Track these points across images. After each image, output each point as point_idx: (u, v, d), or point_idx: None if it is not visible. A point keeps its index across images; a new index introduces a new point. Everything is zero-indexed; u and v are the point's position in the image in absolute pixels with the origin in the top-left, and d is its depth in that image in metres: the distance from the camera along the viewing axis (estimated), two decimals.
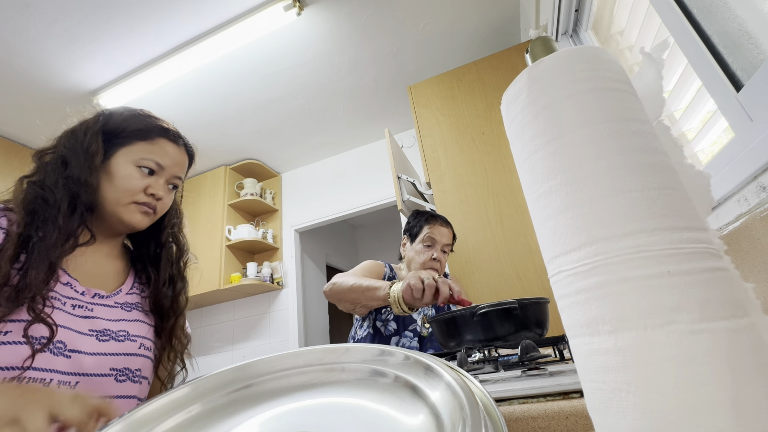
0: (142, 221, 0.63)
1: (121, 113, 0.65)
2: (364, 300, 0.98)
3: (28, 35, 1.77)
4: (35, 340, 0.48)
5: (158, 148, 0.65)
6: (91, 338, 0.56)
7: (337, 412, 0.29)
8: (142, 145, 0.64)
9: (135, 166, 0.62)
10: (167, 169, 0.66)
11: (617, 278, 0.21)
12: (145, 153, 0.63)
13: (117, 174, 0.61)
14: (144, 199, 0.62)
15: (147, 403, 0.31)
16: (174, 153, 0.67)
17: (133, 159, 0.62)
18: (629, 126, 0.24)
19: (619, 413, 0.20)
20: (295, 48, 2.06)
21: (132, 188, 0.61)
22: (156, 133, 0.66)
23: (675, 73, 0.83)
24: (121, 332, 0.60)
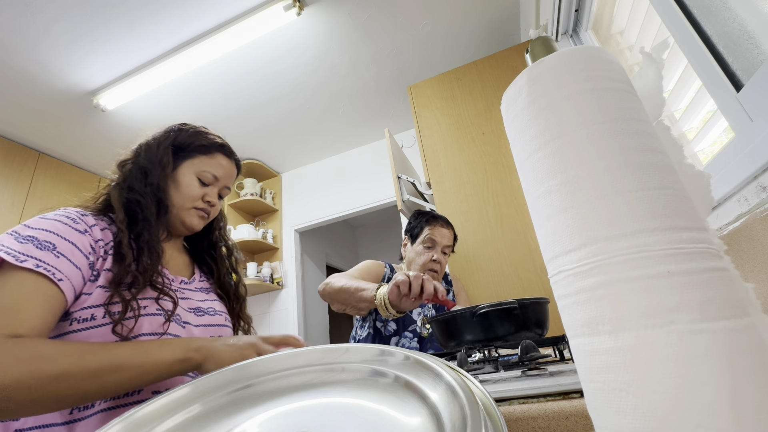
0: (199, 224, 0.75)
1: (186, 130, 0.76)
2: (353, 301, 0.96)
3: (28, 35, 1.77)
4: (166, 311, 0.61)
5: (215, 161, 0.76)
6: (191, 314, 0.68)
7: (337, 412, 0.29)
8: (203, 158, 0.75)
9: (196, 177, 0.73)
10: (221, 180, 0.76)
11: (617, 278, 0.21)
12: (205, 166, 0.74)
13: (182, 182, 0.72)
14: (201, 205, 0.74)
15: (147, 403, 0.31)
16: (227, 166, 0.78)
17: (195, 170, 0.73)
18: (629, 126, 0.24)
19: (619, 413, 0.20)
20: (295, 48, 2.06)
21: (193, 195, 0.72)
22: (215, 148, 0.77)
23: (675, 73, 0.83)
24: (209, 308, 0.73)
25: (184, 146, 0.74)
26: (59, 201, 2.57)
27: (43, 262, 0.51)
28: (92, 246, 0.58)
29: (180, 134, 0.75)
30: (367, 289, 0.91)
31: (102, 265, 0.59)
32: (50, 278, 0.51)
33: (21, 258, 0.50)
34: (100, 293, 0.56)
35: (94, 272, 0.57)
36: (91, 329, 0.55)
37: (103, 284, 0.57)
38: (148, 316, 0.59)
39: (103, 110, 2.25)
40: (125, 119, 2.41)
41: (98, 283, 0.57)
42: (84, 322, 0.55)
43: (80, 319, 0.55)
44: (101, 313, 0.55)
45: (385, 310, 0.83)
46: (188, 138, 0.75)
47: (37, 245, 0.53)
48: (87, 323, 0.55)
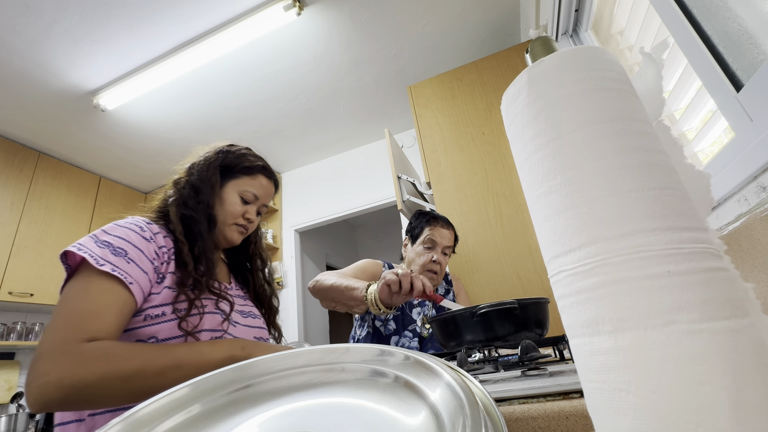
0: (238, 238, 0.81)
1: (233, 152, 0.83)
2: (343, 299, 0.97)
3: (28, 35, 1.77)
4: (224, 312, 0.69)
5: (257, 182, 0.82)
6: (238, 315, 0.76)
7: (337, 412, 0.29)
8: (246, 179, 0.81)
9: (239, 196, 0.80)
10: (260, 199, 0.83)
11: (617, 278, 0.21)
12: (247, 186, 0.81)
13: (227, 200, 0.79)
14: (242, 221, 0.80)
15: (147, 403, 0.31)
16: (267, 186, 0.84)
17: (238, 190, 0.80)
18: (629, 126, 0.24)
19: (619, 413, 0.20)
20: (295, 48, 2.06)
21: (235, 212, 0.79)
22: (257, 170, 0.83)
23: (675, 73, 0.83)
24: (251, 312, 0.80)
25: (230, 167, 0.81)
26: (59, 201, 2.58)
27: (118, 267, 0.58)
28: (156, 252, 0.66)
29: (227, 156, 0.81)
30: (357, 288, 0.92)
31: (166, 268, 0.66)
32: (124, 282, 0.58)
33: (101, 262, 0.57)
34: (168, 293, 0.64)
35: (159, 275, 0.65)
36: (161, 324, 0.62)
37: (170, 285, 0.65)
38: (208, 314, 0.67)
39: (103, 110, 2.25)
40: (125, 119, 2.41)
41: (165, 284, 0.65)
42: (155, 318, 0.62)
43: (152, 315, 0.62)
44: (170, 310, 0.63)
45: (376, 307, 0.85)
46: (234, 160, 0.81)
47: (113, 251, 0.60)
48: (158, 319, 0.62)
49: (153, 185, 3.23)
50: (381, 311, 0.86)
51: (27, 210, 2.41)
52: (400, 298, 0.82)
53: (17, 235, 2.31)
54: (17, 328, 2.31)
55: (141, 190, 3.27)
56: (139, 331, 0.61)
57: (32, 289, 2.30)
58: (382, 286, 0.82)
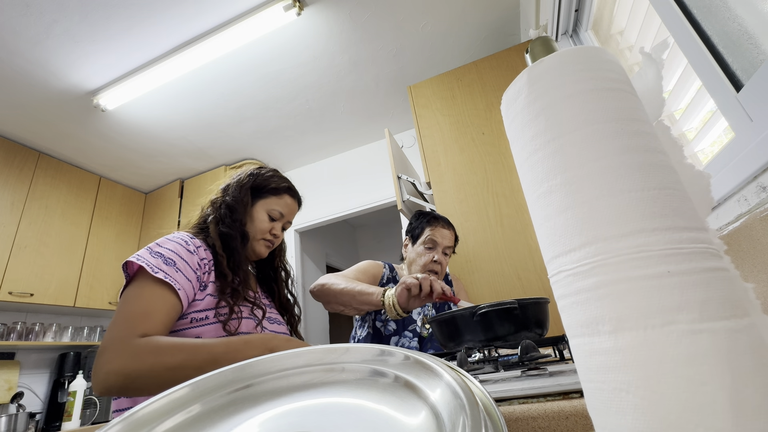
0: (265, 252, 0.90)
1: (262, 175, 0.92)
2: (355, 304, 0.98)
3: (28, 35, 1.77)
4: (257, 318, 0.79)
5: (283, 201, 0.92)
6: (266, 321, 0.83)
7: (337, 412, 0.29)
8: (274, 198, 0.91)
9: (267, 214, 0.89)
10: (285, 216, 0.92)
11: (617, 278, 0.21)
12: (274, 205, 0.90)
13: (256, 218, 0.88)
14: (269, 237, 0.89)
15: (147, 403, 0.31)
16: (292, 205, 0.94)
17: (267, 209, 0.89)
18: (629, 126, 0.24)
19: (619, 413, 0.20)
20: (295, 48, 2.06)
21: (263, 229, 0.88)
22: (283, 191, 0.92)
23: (675, 73, 0.83)
24: (277, 318, 0.89)
25: (259, 188, 0.90)
26: (59, 201, 2.58)
27: (169, 275, 0.68)
28: (198, 263, 0.75)
29: (257, 178, 0.91)
30: (372, 293, 0.94)
31: (207, 278, 0.75)
32: (173, 288, 0.67)
33: (155, 269, 0.67)
34: (210, 300, 0.73)
35: (201, 284, 0.74)
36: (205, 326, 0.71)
37: (211, 293, 0.74)
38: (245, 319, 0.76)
39: (103, 110, 2.25)
40: (125, 119, 2.41)
41: (207, 291, 0.74)
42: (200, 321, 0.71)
43: (197, 318, 0.71)
44: (212, 315, 0.72)
45: (394, 311, 0.88)
46: (263, 181, 0.91)
47: (164, 261, 0.70)
48: (202, 322, 0.71)
49: (153, 185, 3.23)
50: (398, 315, 0.88)
51: (27, 210, 2.41)
52: (418, 302, 0.85)
53: (17, 235, 2.31)
54: (17, 328, 2.31)
55: (141, 190, 3.27)
56: (186, 332, 0.70)
57: (32, 289, 2.30)
58: (402, 290, 0.85)
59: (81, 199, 2.75)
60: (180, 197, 3.04)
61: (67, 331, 2.52)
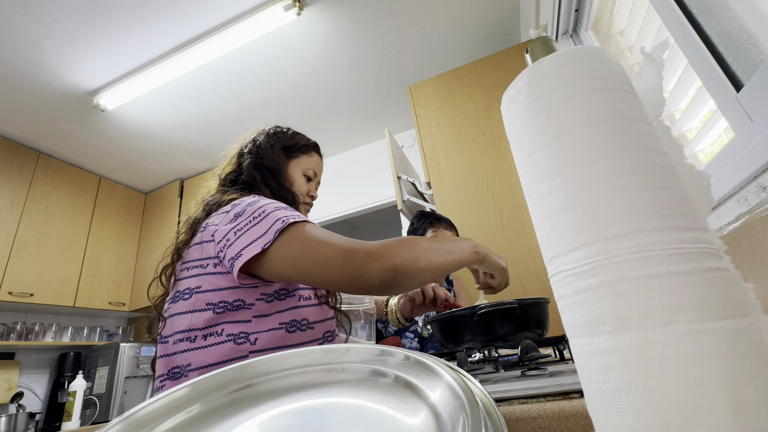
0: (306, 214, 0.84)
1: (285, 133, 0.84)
2: None
3: (28, 35, 1.77)
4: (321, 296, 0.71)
5: (314, 160, 0.85)
6: None
7: (337, 412, 0.29)
8: (304, 157, 0.83)
9: (303, 175, 0.82)
10: (318, 175, 0.86)
11: (617, 278, 0.21)
12: (307, 164, 0.83)
13: (294, 180, 0.80)
14: (308, 200, 0.83)
15: (146, 403, 0.31)
16: (320, 163, 0.87)
17: (302, 168, 0.82)
18: (629, 126, 0.24)
19: (619, 413, 0.20)
20: (294, 48, 2.06)
21: (303, 191, 0.81)
22: (311, 148, 0.85)
23: (675, 73, 0.83)
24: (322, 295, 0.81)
25: (289, 147, 0.82)
26: (59, 201, 2.58)
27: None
28: None
29: (283, 137, 0.83)
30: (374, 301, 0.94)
31: None
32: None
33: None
34: None
35: None
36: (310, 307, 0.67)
37: None
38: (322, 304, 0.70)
39: (103, 110, 2.25)
40: (125, 119, 2.41)
41: None
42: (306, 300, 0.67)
43: (304, 296, 0.67)
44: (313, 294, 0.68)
45: (397, 321, 0.87)
46: (290, 140, 0.83)
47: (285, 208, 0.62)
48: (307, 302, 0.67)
49: (153, 185, 3.23)
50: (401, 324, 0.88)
51: (27, 210, 2.41)
52: (421, 310, 0.85)
53: (17, 235, 2.31)
54: (17, 328, 2.31)
55: (141, 190, 3.27)
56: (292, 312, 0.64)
57: (32, 289, 2.30)
58: (404, 301, 0.85)
59: (81, 199, 2.75)
60: (180, 197, 3.04)
61: (67, 331, 2.52)
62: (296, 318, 0.63)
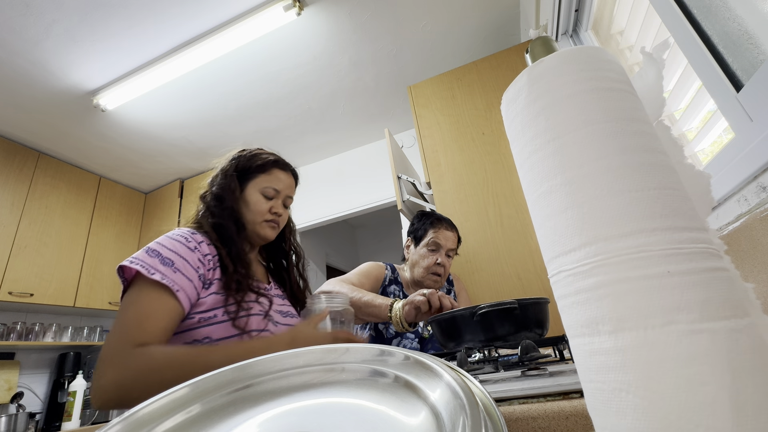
0: (271, 233, 0.85)
1: (245, 156, 0.88)
2: (361, 315, 0.98)
3: (28, 35, 1.77)
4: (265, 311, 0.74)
5: (274, 177, 0.87)
6: (278, 315, 0.80)
7: (337, 412, 0.29)
8: (263, 176, 0.86)
9: (261, 194, 0.84)
10: (282, 191, 0.87)
11: (617, 278, 0.21)
12: (265, 183, 0.85)
13: (251, 201, 0.83)
14: (270, 217, 0.84)
15: (146, 403, 0.31)
16: (285, 178, 0.88)
17: (259, 188, 0.84)
18: (629, 126, 0.24)
19: (619, 413, 0.20)
20: (294, 48, 2.06)
21: (261, 210, 0.83)
22: (270, 166, 0.87)
23: (675, 73, 0.83)
24: (289, 311, 0.85)
25: (245, 170, 0.86)
26: (59, 201, 2.58)
27: (167, 276, 0.64)
28: (201, 260, 0.71)
29: (240, 160, 0.86)
30: (378, 306, 0.94)
31: (213, 274, 0.72)
32: (171, 290, 0.64)
33: (151, 271, 0.64)
34: (215, 297, 0.70)
35: (206, 282, 0.71)
36: (213, 325, 0.68)
37: (216, 290, 0.71)
38: (255, 316, 0.72)
39: (103, 110, 2.25)
40: (125, 119, 2.41)
41: (212, 290, 0.70)
42: (208, 320, 0.68)
43: (205, 318, 0.68)
44: (221, 313, 0.69)
45: (400, 326, 0.88)
46: (247, 162, 0.86)
47: (162, 261, 0.66)
48: (210, 321, 0.68)
49: (153, 185, 3.23)
50: (405, 329, 0.89)
51: (27, 210, 2.41)
52: (426, 316, 0.85)
53: (17, 235, 2.31)
54: (17, 328, 2.31)
55: (141, 190, 3.27)
56: (194, 331, 0.68)
57: (32, 289, 2.30)
58: (410, 309, 0.85)
59: (81, 199, 2.75)
60: (180, 197, 3.04)
61: (66, 331, 2.52)
62: (197, 338, 0.67)
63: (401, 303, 0.88)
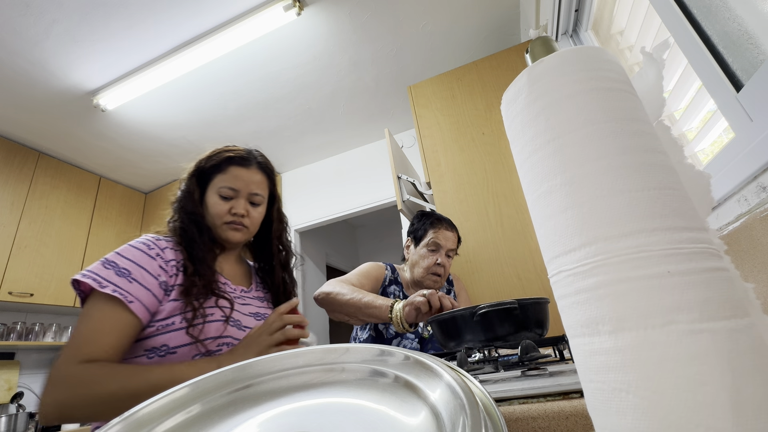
0: (235, 236, 0.81)
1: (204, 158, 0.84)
2: (361, 316, 0.98)
3: (28, 35, 1.77)
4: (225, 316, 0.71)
5: (230, 175, 0.81)
6: (251, 318, 0.77)
7: (337, 412, 0.29)
8: (219, 176, 0.82)
9: (218, 196, 0.80)
10: (241, 189, 0.81)
11: (617, 278, 0.21)
12: (220, 183, 0.81)
13: (209, 204, 0.81)
14: (229, 219, 0.80)
15: (146, 403, 0.31)
16: (245, 175, 0.82)
17: (216, 190, 0.81)
18: (629, 126, 0.24)
19: (619, 413, 0.20)
20: (295, 48, 2.06)
21: (219, 212, 0.80)
22: (225, 163, 0.82)
23: (675, 73, 0.83)
24: (266, 315, 0.82)
25: (203, 172, 0.83)
26: (59, 201, 2.58)
27: (119, 288, 0.63)
28: (162, 267, 0.69)
29: (199, 164, 0.84)
30: (378, 307, 0.93)
31: (175, 280, 0.70)
32: (124, 302, 0.62)
33: (103, 284, 0.62)
34: (175, 304, 0.68)
35: (167, 289, 0.69)
36: (171, 333, 0.66)
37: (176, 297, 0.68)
38: (214, 322, 0.69)
39: (103, 110, 2.25)
40: (125, 119, 2.41)
41: (172, 296, 0.68)
42: (166, 328, 0.67)
43: (162, 325, 0.67)
44: (179, 320, 0.67)
45: (401, 326, 0.88)
46: (204, 163, 0.83)
47: (117, 272, 0.65)
48: (168, 328, 0.67)
49: (153, 185, 3.23)
50: (405, 330, 0.89)
51: (27, 210, 2.41)
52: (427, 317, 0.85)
53: (17, 235, 2.31)
54: (17, 328, 2.31)
55: (141, 190, 3.27)
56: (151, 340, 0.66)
57: (32, 289, 2.30)
58: (410, 310, 0.85)
59: (81, 199, 2.75)
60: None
61: (67, 331, 2.52)
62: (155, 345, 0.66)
63: (401, 304, 0.88)
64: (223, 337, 0.70)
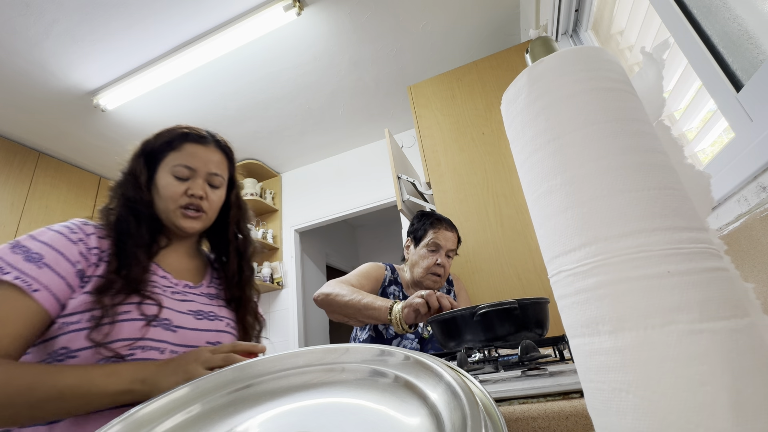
0: (190, 223, 0.71)
1: (155, 135, 0.75)
2: (360, 317, 0.98)
3: (28, 35, 1.77)
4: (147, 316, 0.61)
5: (185, 153, 0.72)
6: (189, 317, 0.68)
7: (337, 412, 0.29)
8: (173, 154, 0.72)
9: (171, 176, 0.71)
10: (199, 169, 0.72)
11: (617, 278, 0.21)
12: (175, 161, 0.71)
13: (160, 185, 0.71)
14: (185, 201, 0.70)
15: (147, 403, 0.31)
16: (202, 152, 0.73)
17: (169, 169, 0.71)
18: (629, 126, 0.24)
19: (619, 413, 0.20)
20: (295, 48, 2.06)
21: (173, 195, 0.70)
22: (179, 140, 0.73)
23: (675, 73, 0.83)
24: (210, 312, 0.72)
25: (153, 151, 0.73)
26: (59, 201, 2.58)
27: (23, 275, 0.55)
28: (83, 254, 0.61)
29: (148, 141, 0.74)
30: (378, 308, 0.93)
31: (94, 271, 0.61)
32: (26, 291, 0.54)
33: (5, 270, 0.54)
34: (85, 298, 0.59)
35: (84, 279, 0.60)
36: (73, 333, 0.57)
37: (89, 290, 0.59)
38: (128, 322, 0.59)
39: (103, 110, 2.25)
40: (125, 119, 2.41)
41: (86, 289, 0.60)
42: (71, 326, 0.57)
43: (68, 323, 0.58)
44: (86, 318, 0.58)
45: (400, 327, 0.88)
46: (154, 141, 0.74)
47: (26, 257, 0.57)
48: (73, 326, 0.57)
49: None
50: (405, 331, 0.89)
51: (27, 210, 2.41)
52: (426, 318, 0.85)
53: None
54: None
55: None
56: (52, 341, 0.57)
57: None
58: (409, 311, 0.85)
59: (81, 198, 2.75)
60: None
61: None
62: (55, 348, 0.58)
63: (401, 305, 0.88)
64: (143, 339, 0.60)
